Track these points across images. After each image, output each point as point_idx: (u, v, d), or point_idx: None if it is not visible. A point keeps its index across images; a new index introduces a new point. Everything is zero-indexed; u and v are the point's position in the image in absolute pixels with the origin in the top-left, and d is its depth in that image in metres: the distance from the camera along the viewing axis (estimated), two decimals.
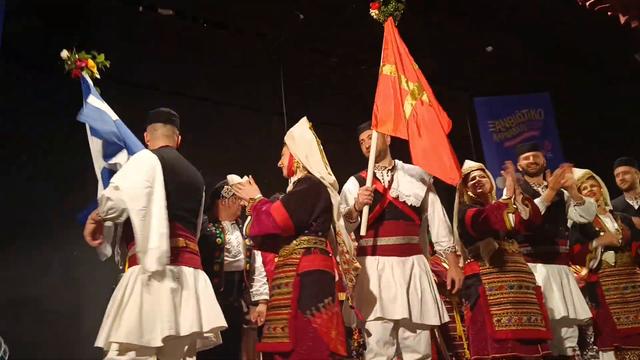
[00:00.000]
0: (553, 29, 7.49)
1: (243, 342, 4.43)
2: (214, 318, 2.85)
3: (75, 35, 6.30)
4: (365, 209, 3.28)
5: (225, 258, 3.77)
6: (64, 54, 3.32)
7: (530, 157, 4.21)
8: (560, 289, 3.89)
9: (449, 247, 3.47)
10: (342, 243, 3.11)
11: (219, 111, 7.29)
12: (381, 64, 3.93)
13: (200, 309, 2.81)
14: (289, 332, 2.87)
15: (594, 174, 4.49)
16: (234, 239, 3.87)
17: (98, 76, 3.30)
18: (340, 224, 3.14)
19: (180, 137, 3.28)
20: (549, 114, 9.10)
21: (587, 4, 1.96)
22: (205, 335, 2.86)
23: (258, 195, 3.15)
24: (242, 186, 3.18)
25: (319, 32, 7.46)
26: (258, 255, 4.11)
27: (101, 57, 3.34)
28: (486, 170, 3.82)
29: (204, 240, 3.48)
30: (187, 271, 2.87)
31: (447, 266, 4.97)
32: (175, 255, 2.83)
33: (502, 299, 3.46)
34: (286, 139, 3.27)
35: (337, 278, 3.10)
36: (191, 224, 3.04)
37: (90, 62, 3.33)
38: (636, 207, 4.61)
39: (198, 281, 2.90)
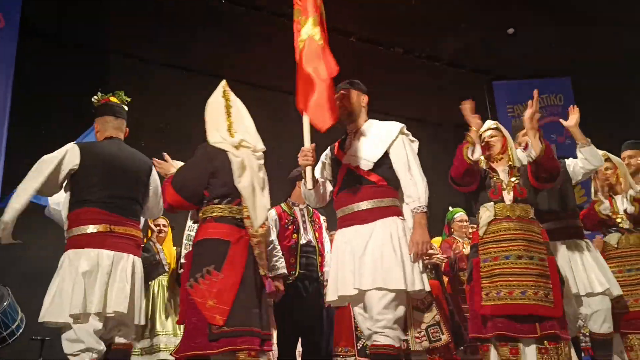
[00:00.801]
0: (577, 11, 7.31)
1: None
2: (116, 303, 3.01)
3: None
4: (308, 170, 3.04)
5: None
6: (94, 98, 3.60)
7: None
8: (572, 265, 3.67)
9: (414, 208, 2.92)
10: (245, 208, 2.98)
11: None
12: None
13: (107, 291, 3.01)
14: (181, 309, 2.96)
15: (610, 156, 4.35)
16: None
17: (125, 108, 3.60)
18: (243, 185, 2.99)
19: (127, 128, 3.52)
20: (569, 99, 8.95)
21: None
22: (108, 315, 3.02)
23: (171, 171, 3.23)
24: (159, 163, 3.33)
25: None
26: (273, 229, 4.11)
27: (121, 94, 3.60)
28: (501, 129, 3.57)
29: None
30: (107, 255, 3.07)
31: (464, 249, 4.95)
32: (95, 240, 3.07)
33: (495, 270, 3.15)
34: None
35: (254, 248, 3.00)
36: (124, 210, 3.22)
37: (113, 99, 3.58)
38: None
39: (118, 265, 3.10)
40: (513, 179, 3.38)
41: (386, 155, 3.03)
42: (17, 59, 5.89)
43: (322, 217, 4.60)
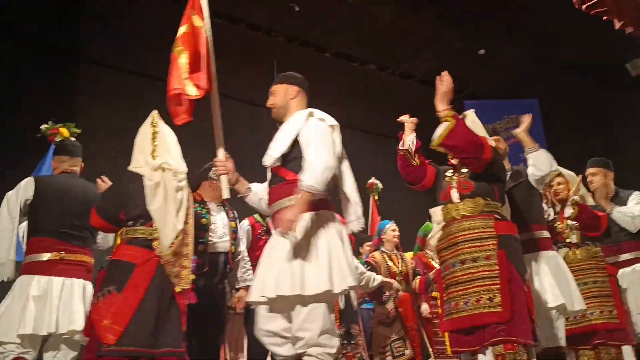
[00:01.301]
0: (547, 34, 7.50)
1: (227, 328, 4.42)
2: (69, 322, 3.33)
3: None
4: (223, 179, 2.98)
5: (210, 239, 3.76)
6: (43, 127, 4.16)
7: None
8: (543, 277, 3.46)
9: (299, 186, 2.61)
10: (155, 231, 3.09)
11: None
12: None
13: (58, 314, 3.33)
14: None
15: (562, 170, 4.27)
16: (219, 220, 3.86)
17: (72, 138, 4.14)
18: (154, 208, 3.07)
19: (83, 164, 3.88)
20: (537, 120, 9.14)
21: (584, 7, 1.96)
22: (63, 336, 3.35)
23: None
24: (98, 185, 3.58)
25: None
26: (242, 240, 4.09)
27: (72, 125, 4.19)
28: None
29: None
30: (56, 281, 3.41)
31: (434, 264, 4.99)
32: (46, 267, 3.42)
33: (448, 280, 2.94)
34: None
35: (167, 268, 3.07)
36: (75, 238, 3.55)
37: (62, 130, 4.17)
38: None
39: (65, 290, 3.42)
40: (457, 175, 3.10)
41: (296, 145, 2.77)
42: None
43: None
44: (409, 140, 3.14)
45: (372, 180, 7.33)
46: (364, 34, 7.70)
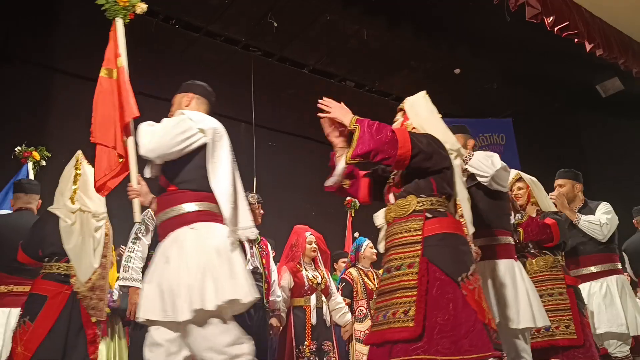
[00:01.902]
0: (520, 55, 7.65)
1: None
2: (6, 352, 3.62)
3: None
4: (135, 202, 2.89)
5: None
6: (17, 149, 4.64)
7: None
8: (489, 288, 3.19)
9: None
10: (72, 267, 3.45)
11: None
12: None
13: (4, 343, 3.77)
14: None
15: (522, 175, 4.16)
16: None
17: (43, 163, 4.74)
18: (69, 247, 3.38)
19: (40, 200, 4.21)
20: (511, 139, 9.30)
21: (556, 29, 2.00)
22: None
23: None
24: None
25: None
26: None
27: (43, 149, 4.66)
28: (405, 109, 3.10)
29: None
30: (2, 312, 3.89)
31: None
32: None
33: (378, 289, 2.71)
34: None
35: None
36: (17, 270, 3.90)
37: (34, 153, 4.65)
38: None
39: (9, 319, 3.86)
40: (393, 175, 2.79)
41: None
42: None
43: (269, 244, 4.58)
44: (337, 173, 2.84)
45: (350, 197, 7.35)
46: (340, 51, 7.76)
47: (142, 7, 3.22)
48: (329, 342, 4.62)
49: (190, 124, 2.72)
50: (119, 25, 3.19)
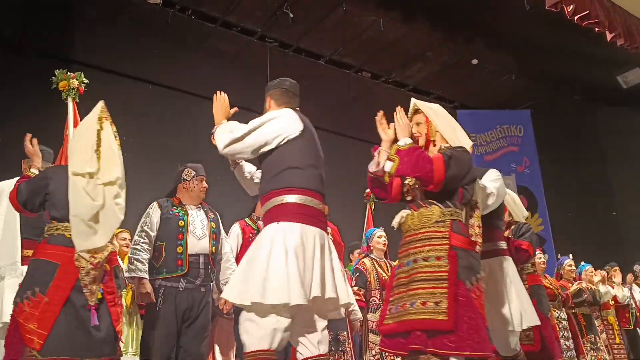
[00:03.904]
0: (539, 46, 7.56)
1: (216, 332, 4.38)
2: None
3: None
4: None
5: (190, 240, 3.72)
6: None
7: None
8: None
9: None
10: None
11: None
12: None
13: None
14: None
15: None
16: (198, 221, 3.83)
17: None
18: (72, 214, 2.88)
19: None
20: (529, 130, 9.22)
21: (576, 18, 1.96)
22: None
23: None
24: None
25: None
26: (226, 241, 4.06)
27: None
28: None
29: (166, 223, 3.67)
30: None
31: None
32: None
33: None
34: None
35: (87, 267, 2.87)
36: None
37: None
38: None
39: None
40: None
41: None
42: None
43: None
44: (375, 165, 2.98)
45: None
46: (357, 42, 7.72)
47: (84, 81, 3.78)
48: (344, 332, 4.62)
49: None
50: (70, 104, 3.70)
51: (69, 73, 3.92)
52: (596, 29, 5.16)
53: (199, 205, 3.93)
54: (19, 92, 6.20)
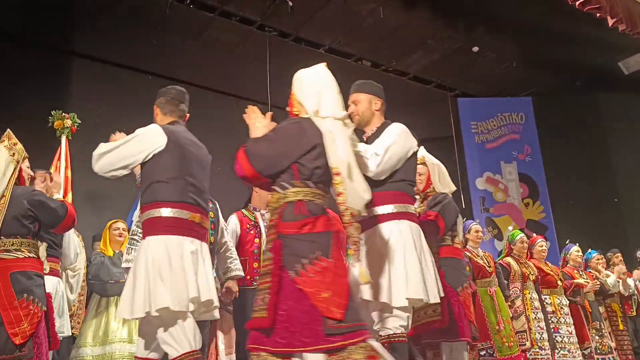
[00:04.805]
0: (540, 33, 7.51)
1: (218, 325, 4.40)
2: None
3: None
4: None
5: None
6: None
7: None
8: None
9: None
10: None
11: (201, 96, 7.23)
12: None
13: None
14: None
15: (426, 158, 3.83)
16: None
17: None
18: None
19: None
20: (530, 118, 9.18)
21: (577, 3, 1.94)
22: None
23: None
24: None
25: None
26: (226, 231, 4.06)
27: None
28: None
29: None
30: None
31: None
32: None
33: None
34: None
35: None
36: None
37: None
38: None
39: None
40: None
41: None
42: None
43: None
44: None
45: None
46: (356, 31, 7.67)
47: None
48: None
49: None
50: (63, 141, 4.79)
51: (63, 114, 4.63)
52: (598, 14, 5.12)
53: None
54: (20, 84, 6.19)
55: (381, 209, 2.96)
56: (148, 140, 2.90)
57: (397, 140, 3.03)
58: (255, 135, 2.67)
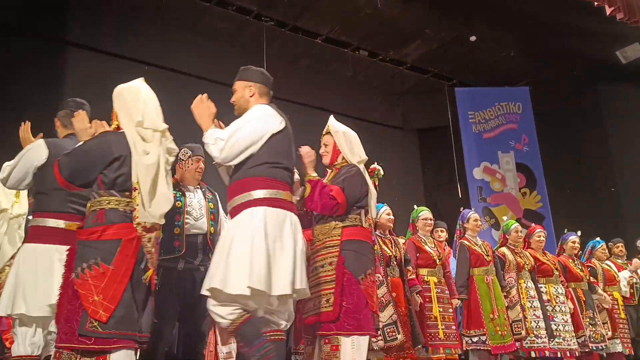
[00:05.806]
0: (538, 23, 7.49)
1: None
2: None
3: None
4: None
5: (187, 221, 3.70)
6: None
7: None
8: None
9: None
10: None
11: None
12: None
13: None
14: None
15: (331, 128, 3.56)
16: (196, 202, 3.82)
17: None
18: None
19: None
20: (528, 108, 9.17)
21: None
22: None
23: None
24: None
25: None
26: (225, 222, 4.05)
27: None
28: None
29: None
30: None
31: (427, 248, 5.00)
32: None
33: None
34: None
35: None
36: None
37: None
38: None
39: None
40: None
41: None
42: None
43: None
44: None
45: (375, 165, 7.31)
46: (354, 20, 7.65)
47: None
48: None
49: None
50: None
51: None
52: (595, 3, 5.12)
53: (197, 186, 3.92)
54: (19, 73, 6.17)
55: (239, 199, 2.85)
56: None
57: (245, 125, 2.86)
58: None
